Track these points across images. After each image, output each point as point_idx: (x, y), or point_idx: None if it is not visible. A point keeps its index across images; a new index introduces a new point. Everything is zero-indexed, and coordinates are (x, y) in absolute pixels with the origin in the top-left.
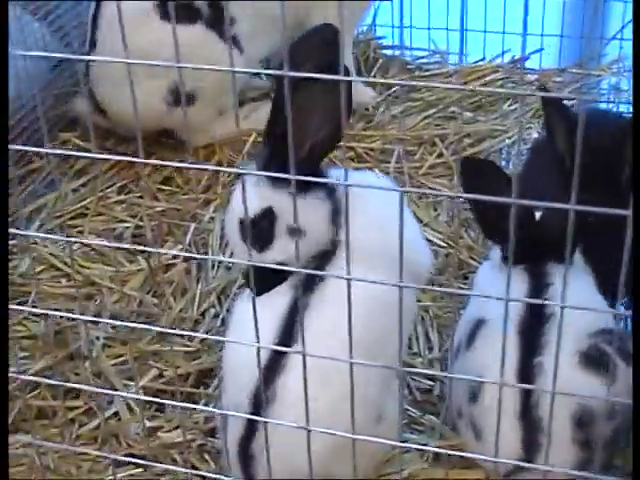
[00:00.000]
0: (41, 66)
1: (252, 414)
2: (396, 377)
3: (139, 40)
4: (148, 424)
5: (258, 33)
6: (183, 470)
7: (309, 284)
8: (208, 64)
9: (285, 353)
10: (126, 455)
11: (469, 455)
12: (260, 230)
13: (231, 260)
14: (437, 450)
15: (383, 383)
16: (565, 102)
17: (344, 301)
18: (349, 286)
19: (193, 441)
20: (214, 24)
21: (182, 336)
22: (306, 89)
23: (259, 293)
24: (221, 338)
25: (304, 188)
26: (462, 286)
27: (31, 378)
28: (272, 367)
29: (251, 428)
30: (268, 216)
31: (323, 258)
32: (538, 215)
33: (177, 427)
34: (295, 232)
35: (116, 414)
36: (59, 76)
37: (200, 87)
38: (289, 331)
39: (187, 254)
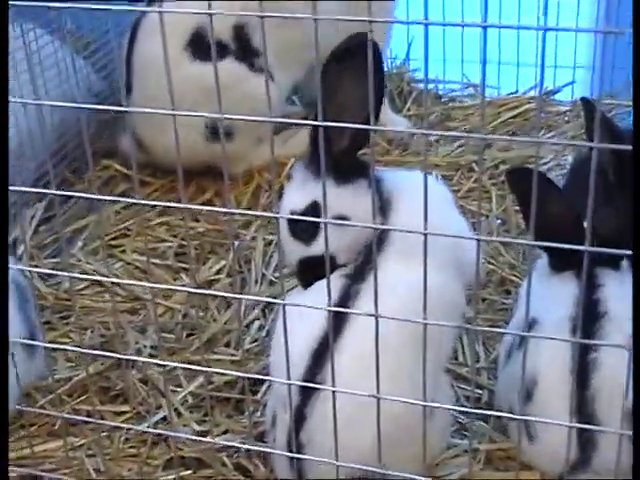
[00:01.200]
0: (85, 96)
1: (301, 402)
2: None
3: (173, 81)
4: (197, 428)
5: (284, 60)
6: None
7: (361, 273)
8: (243, 96)
9: (337, 339)
10: (175, 458)
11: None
12: (307, 222)
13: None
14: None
15: (434, 377)
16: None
17: (395, 288)
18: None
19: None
20: (243, 57)
21: (228, 345)
22: (341, 79)
23: (307, 285)
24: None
25: (348, 179)
26: (504, 300)
27: None
28: (322, 353)
29: (300, 417)
30: (313, 209)
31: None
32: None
33: (226, 431)
34: (344, 219)
35: (164, 419)
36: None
37: (238, 122)
38: (341, 318)
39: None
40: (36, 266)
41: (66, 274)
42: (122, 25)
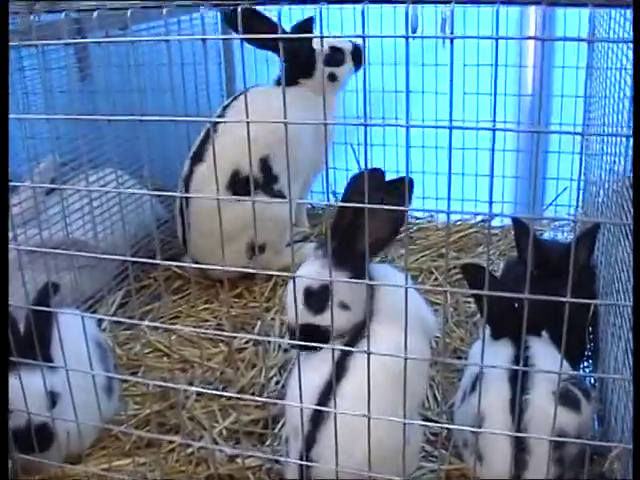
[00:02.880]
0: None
1: (311, 432)
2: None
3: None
4: (230, 452)
5: (292, 179)
6: None
7: (356, 339)
8: (269, 219)
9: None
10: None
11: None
12: (319, 298)
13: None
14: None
15: (411, 415)
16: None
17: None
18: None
19: (262, 465)
20: (267, 187)
21: (253, 394)
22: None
23: (304, 347)
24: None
25: (358, 275)
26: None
27: None
28: (324, 399)
29: (310, 440)
30: (325, 290)
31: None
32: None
33: (251, 456)
34: (344, 307)
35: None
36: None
37: (268, 239)
38: (341, 368)
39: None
40: (115, 336)
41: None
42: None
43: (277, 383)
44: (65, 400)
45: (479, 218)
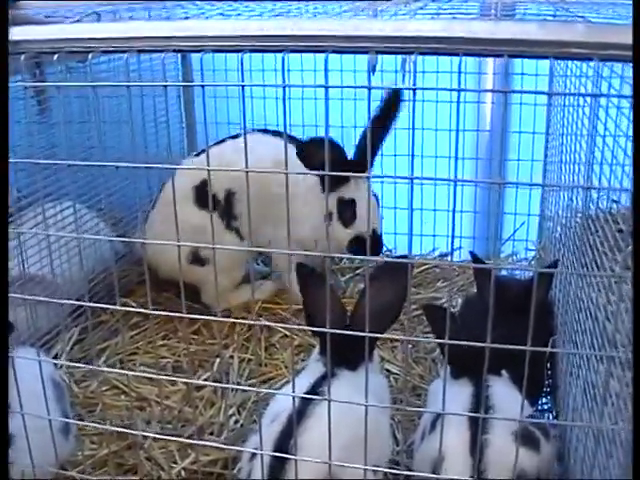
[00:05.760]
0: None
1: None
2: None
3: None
4: None
5: (256, 229)
6: None
7: None
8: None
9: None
10: None
11: None
12: None
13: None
14: None
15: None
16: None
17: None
18: None
19: None
20: (223, 215)
21: (212, 434)
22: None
23: None
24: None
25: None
26: (417, 401)
27: None
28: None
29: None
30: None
31: None
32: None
33: None
34: None
35: None
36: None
37: (209, 257)
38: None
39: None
40: (71, 373)
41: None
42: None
43: (236, 422)
44: (20, 442)
45: (437, 253)
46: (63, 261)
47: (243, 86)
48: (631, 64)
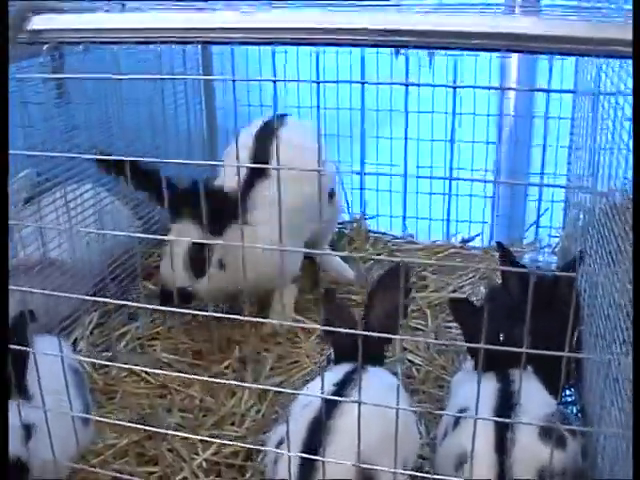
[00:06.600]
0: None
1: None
2: None
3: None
4: None
5: None
6: None
7: None
8: None
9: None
10: None
11: None
12: None
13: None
14: None
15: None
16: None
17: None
18: None
19: None
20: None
21: (233, 424)
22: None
23: None
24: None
25: None
26: (439, 392)
27: None
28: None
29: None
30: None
31: None
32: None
33: None
34: None
35: (184, 478)
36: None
37: None
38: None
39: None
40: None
41: (110, 364)
42: None
43: (258, 412)
44: (41, 431)
45: (458, 238)
46: (82, 245)
47: (275, 81)
48: None
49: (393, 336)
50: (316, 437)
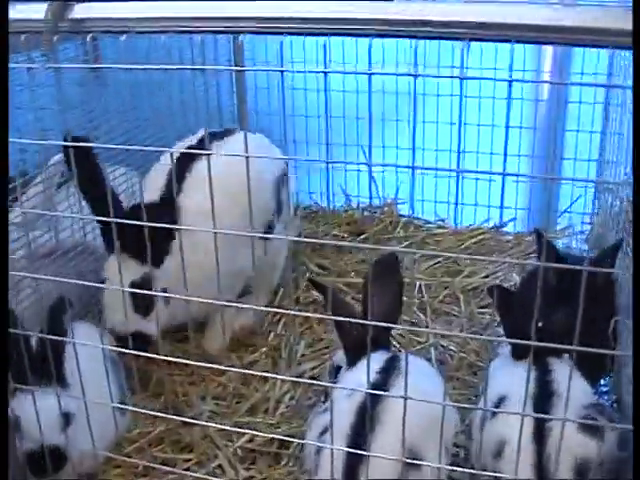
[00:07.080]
0: None
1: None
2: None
3: None
4: (245, 474)
5: None
6: None
7: None
8: None
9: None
10: None
11: None
12: None
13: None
14: None
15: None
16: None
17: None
18: None
19: None
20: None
21: (266, 412)
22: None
23: None
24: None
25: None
26: (473, 379)
27: None
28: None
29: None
30: None
31: None
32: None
33: (265, 478)
34: None
35: (219, 466)
36: None
37: None
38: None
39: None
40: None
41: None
42: None
43: (292, 399)
44: (79, 420)
45: (491, 223)
46: None
47: (282, 71)
48: None
49: (423, 329)
50: (362, 426)
